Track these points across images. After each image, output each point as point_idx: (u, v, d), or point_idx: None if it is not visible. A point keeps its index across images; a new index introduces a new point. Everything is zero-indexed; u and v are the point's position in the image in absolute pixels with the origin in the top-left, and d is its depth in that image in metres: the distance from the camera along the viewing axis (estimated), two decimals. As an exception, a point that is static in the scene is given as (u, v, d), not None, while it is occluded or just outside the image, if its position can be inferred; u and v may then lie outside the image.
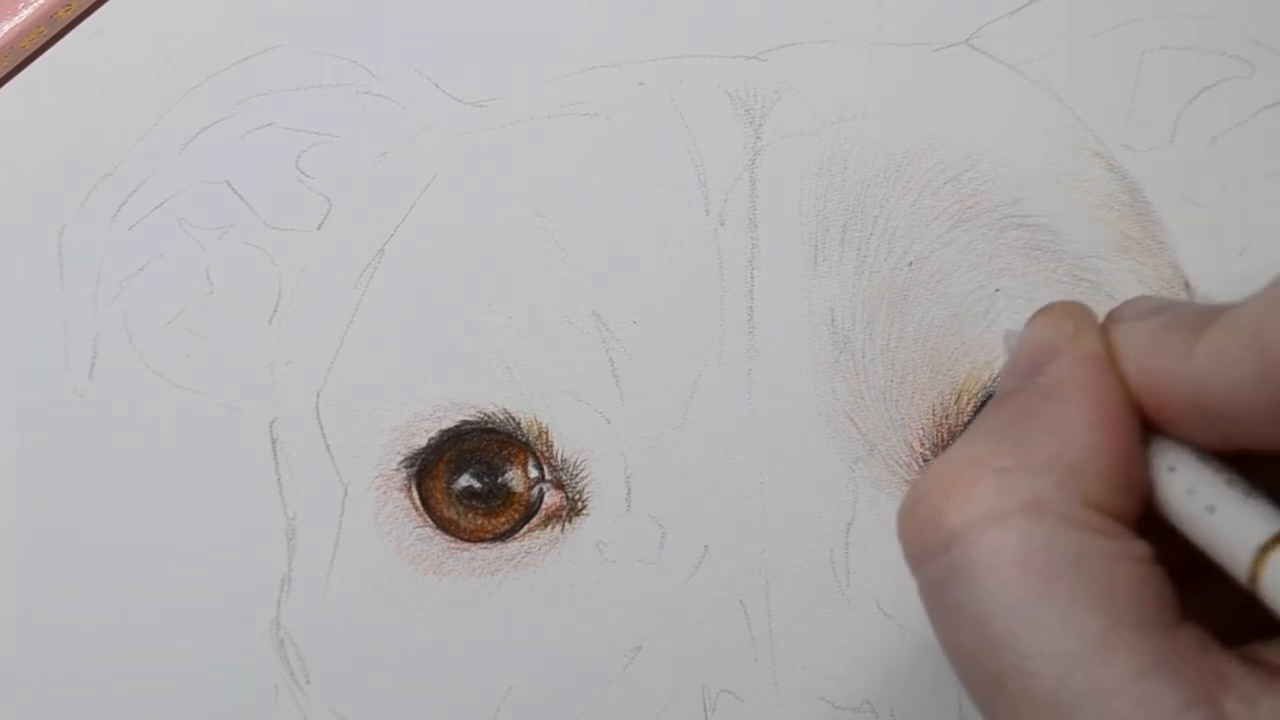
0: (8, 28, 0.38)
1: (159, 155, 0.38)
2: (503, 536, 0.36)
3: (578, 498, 0.36)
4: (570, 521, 0.36)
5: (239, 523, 0.37)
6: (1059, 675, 0.21)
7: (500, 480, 0.36)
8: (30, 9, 0.38)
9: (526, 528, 0.36)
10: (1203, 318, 0.22)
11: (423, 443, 0.36)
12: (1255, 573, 0.21)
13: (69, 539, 0.37)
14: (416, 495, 0.36)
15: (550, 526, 0.36)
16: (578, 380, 0.36)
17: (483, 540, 0.36)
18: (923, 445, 0.35)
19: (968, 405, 0.36)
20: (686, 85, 0.38)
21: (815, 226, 0.36)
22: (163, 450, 0.37)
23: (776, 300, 0.36)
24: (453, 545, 0.36)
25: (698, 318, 0.36)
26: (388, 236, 0.37)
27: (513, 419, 0.36)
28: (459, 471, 0.36)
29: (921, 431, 0.36)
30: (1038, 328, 0.25)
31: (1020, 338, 0.25)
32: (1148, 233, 0.37)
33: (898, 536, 0.24)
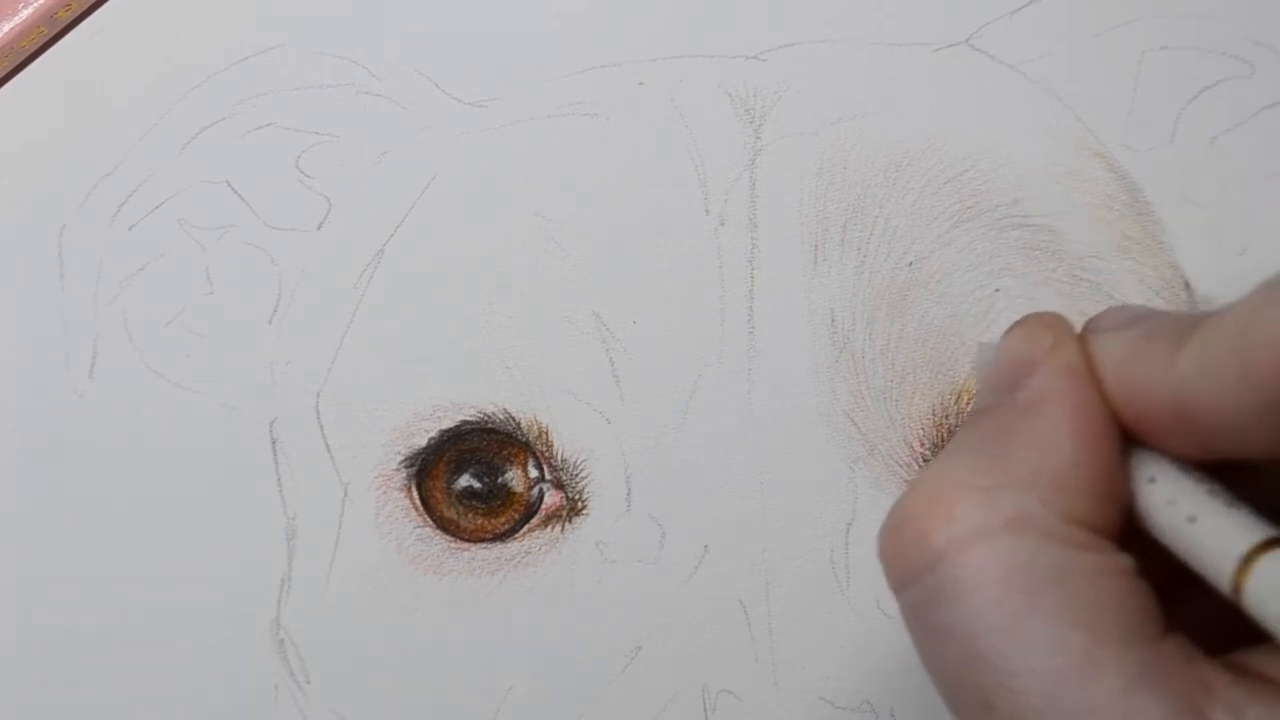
0: (8, 28, 0.38)
1: (159, 155, 0.38)
2: (503, 536, 0.36)
3: (578, 498, 0.36)
4: (570, 521, 0.36)
5: (239, 523, 0.37)
6: (1046, 693, 0.21)
7: (500, 480, 0.36)
8: (30, 9, 0.38)
9: (526, 528, 0.36)
10: (1184, 326, 0.22)
11: (423, 443, 0.36)
12: (1238, 583, 0.21)
13: (69, 539, 0.37)
14: (416, 495, 0.36)
15: (550, 526, 0.36)
16: (578, 380, 0.36)
17: (483, 540, 0.36)
18: (923, 445, 0.35)
19: (968, 405, 0.36)
20: (686, 85, 0.38)
21: (815, 226, 0.36)
22: (163, 450, 0.37)
23: (776, 300, 0.36)
24: (453, 545, 0.36)
25: (698, 318, 0.36)
26: (388, 236, 0.37)
27: (513, 419, 0.36)
28: (459, 471, 0.36)
29: (921, 431, 0.36)
30: (1015, 341, 0.25)
31: (996, 351, 0.25)
32: (1148, 233, 0.37)
33: (880, 558, 0.24)
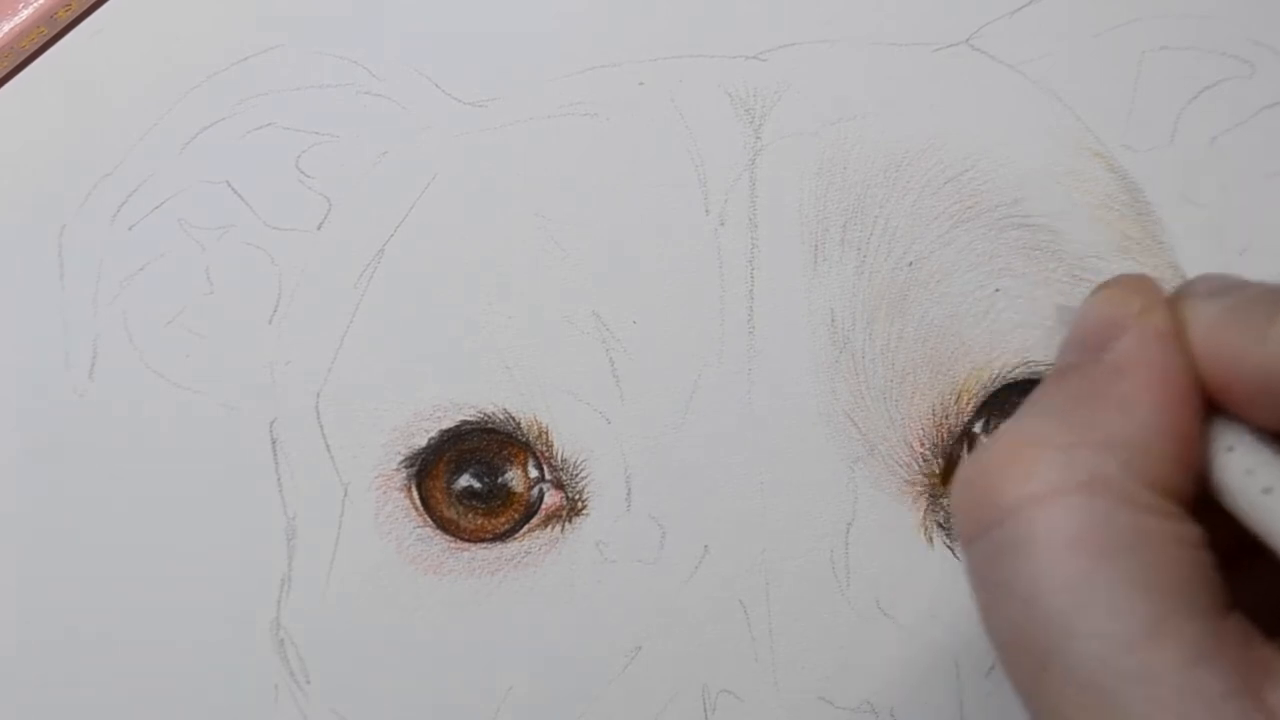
0: (8, 28, 0.38)
1: (159, 155, 0.38)
2: (503, 536, 0.36)
3: (578, 498, 0.36)
4: (570, 521, 0.36)
5: (239, 523, 0.37)
6: (1106, 657, 0.21)
7: (500, 480, 0.36)
8: (30, 9, 0.38)
9: (526, 528, 0.36)
10: (1278, 299, 0.22)
11: (423, 443, 0.36)
12: None
13: (69, 539, 0.37)
14: (416, 495, 0.36)
15: (550, 526, 0.36)
16: (578, 380, 0.36)
17: (483, 540, 0.36)
18: (923, 445, 0.35)
19: (968, 405, 0.36)
20: (686, 85, 0.38)
21: (815, 226, 0.36)
22: (163, 450, 0.37)
23: (776, 300, 0.36)
24: (453, 545, 0.36)
25: (698, 318, 0.36)
26: (388, 236, 0.37)
27: (513, 419, 0.36)
28: (459, 471, 0.36)
29: (921, 431, 0.36)
30: (1104, 301, 0.24)
31: (1081, 310, 0.25)
32: (1148, 233, 0.37)
33: (952, 509, 0.23)
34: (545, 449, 0.36)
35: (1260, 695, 0.20)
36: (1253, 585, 0.23)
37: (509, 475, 0.36)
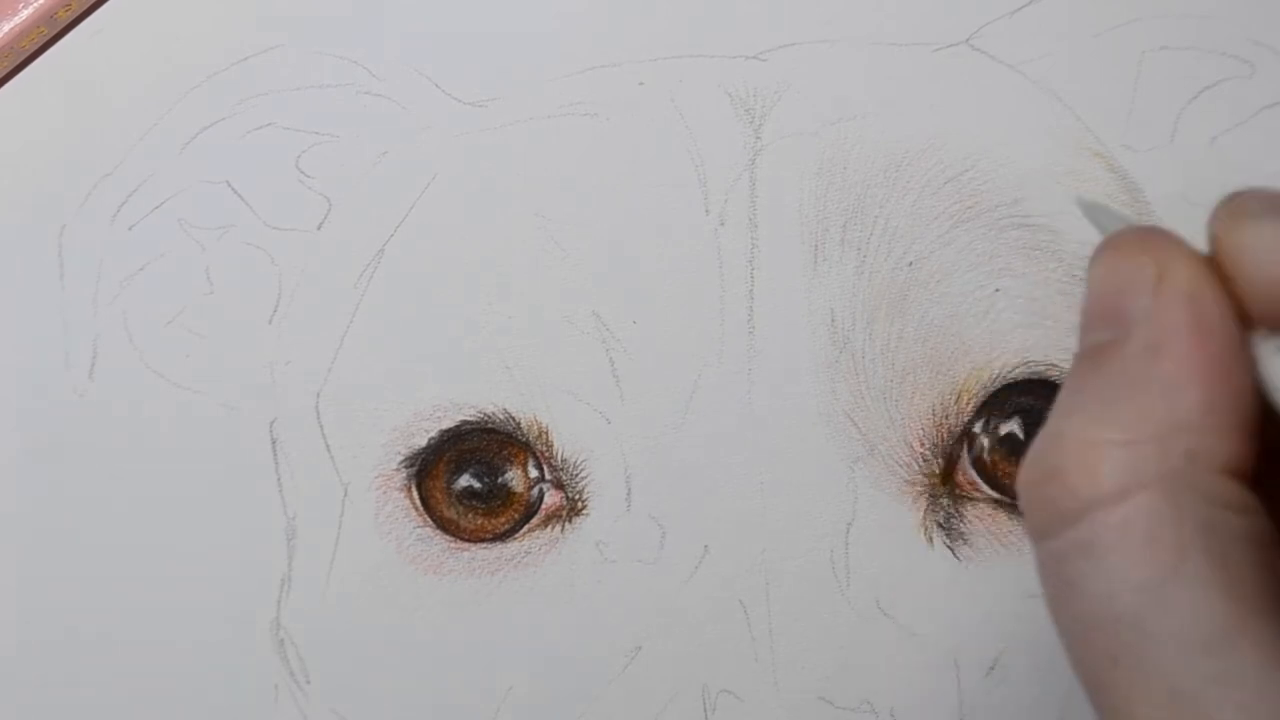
0: (8, 28, 0.38)
1: (159, 155, 0.38)
2: (503, 536, 0.36)
3: (578, 498, 0.36)
4: (570, 521, 0.36)
5: (239, 523, 0.37)
6: (1182, 660, 0.21)
7: (500, 480, 0.36)
8: (30, 9, 0.38)
9: (526, 528, 0.36)
10: None
11: (423, 443, 0.36)
12: None
13: (69, 539, 0.37)
14: (416, 495, 0.36)
15: (550, 526, 0.36)
16: (578, 380, 0.36)
17: (483, 540, 0.36)
18: (923, 445, 0.35)
19: (968, 405, 0.36)
20: (686, 85, 0.38)
21: (815, 226, 0.36)
22: (163, 450, 0.37)
23: (776, 300, 0.36)
24: (453, 545, 0.36)
25: (698, 318, 0.36)
26: (388, 236, 0.37)
27: (513, 419, 0.36)
28: (459, 471, 0.36)
29: (921, 431, 0.36)
30: (1114, 268, 0.23)
31: (1092, 279, 0.23)
32: (1148, 233, 0.37)
33: (1021, 507, 0.23)
34: (545, 449, 0.36)
35: None
36: None
37: (509, 475, 0.36)
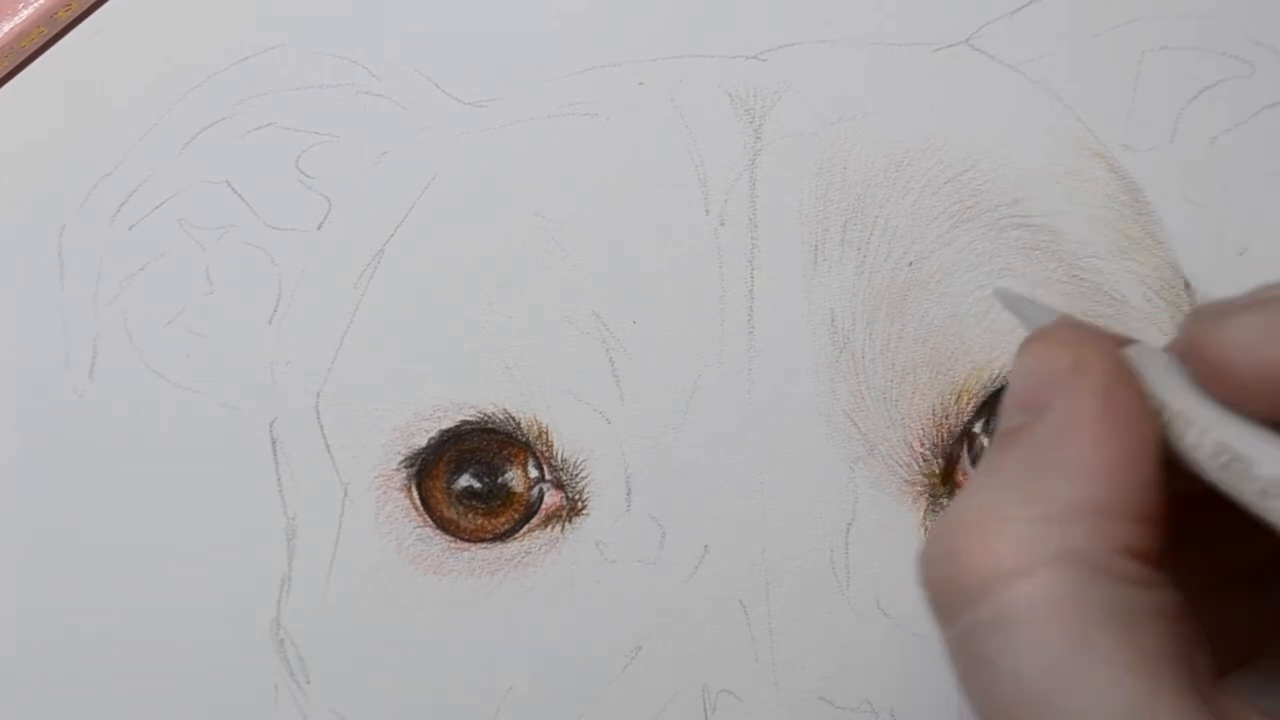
0: (8, 28, 0.38)
1: (159, 155, 0.38)
2: (503, 536, 0.36)
3: (578, 498, 0.36)
4: (570, 521, 0.36)
5: (239, 523, 0.37)
6: None
7: (500, 480, 0.36)
8: (30, 9, 0.38)
9: (526, 528, 0.36)
10: None
11: (423, 443, 0.36)
12: None
13: (69, 539, 0.37)
14: (416, 495, 0.36)
15: (550, 526, 0.36)
16: (578, 380, 0.36)
17: (483, 540, 0.36)
18: (923, 445, 0.35)
19: (968, 405, 0.36)
20: (686, 85, 0.38)
21: (815, 226, 0.36)
22: (163, 450, 0.37)
23: (776, 300, 0.36)
24: (453, 545, 0.36)
25: (698, 318, 0.36)
26: (388, 236, 0.37)
27: (513, 419, 0.36)
28: (459, 471, 0.36)
29: (921, 431, 0.36)
30: (1034, 360, 0.24)
31: (1014, 369, 0.24)
32: (1147, 232, 0.37)
33: (923, 591, 0.23)
34: (545, 449, 0.36)
35: None
36: (1220, 615, 0.22)
37: (509, 475, 0.36)
